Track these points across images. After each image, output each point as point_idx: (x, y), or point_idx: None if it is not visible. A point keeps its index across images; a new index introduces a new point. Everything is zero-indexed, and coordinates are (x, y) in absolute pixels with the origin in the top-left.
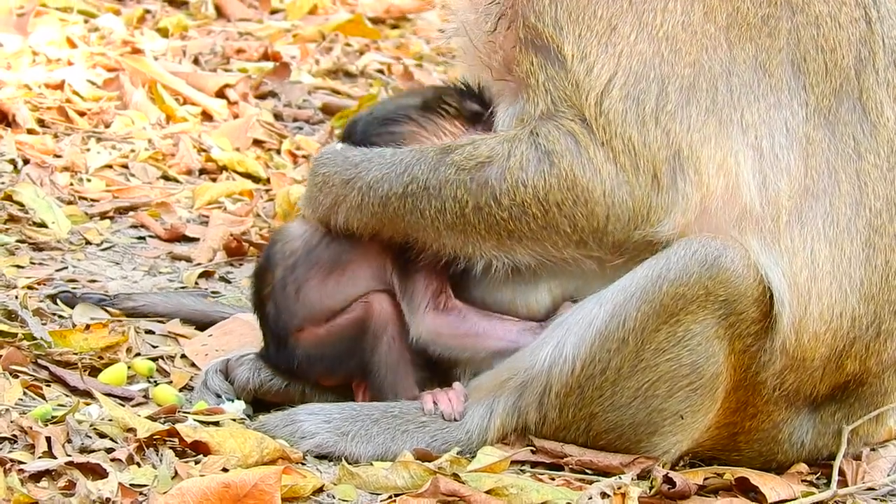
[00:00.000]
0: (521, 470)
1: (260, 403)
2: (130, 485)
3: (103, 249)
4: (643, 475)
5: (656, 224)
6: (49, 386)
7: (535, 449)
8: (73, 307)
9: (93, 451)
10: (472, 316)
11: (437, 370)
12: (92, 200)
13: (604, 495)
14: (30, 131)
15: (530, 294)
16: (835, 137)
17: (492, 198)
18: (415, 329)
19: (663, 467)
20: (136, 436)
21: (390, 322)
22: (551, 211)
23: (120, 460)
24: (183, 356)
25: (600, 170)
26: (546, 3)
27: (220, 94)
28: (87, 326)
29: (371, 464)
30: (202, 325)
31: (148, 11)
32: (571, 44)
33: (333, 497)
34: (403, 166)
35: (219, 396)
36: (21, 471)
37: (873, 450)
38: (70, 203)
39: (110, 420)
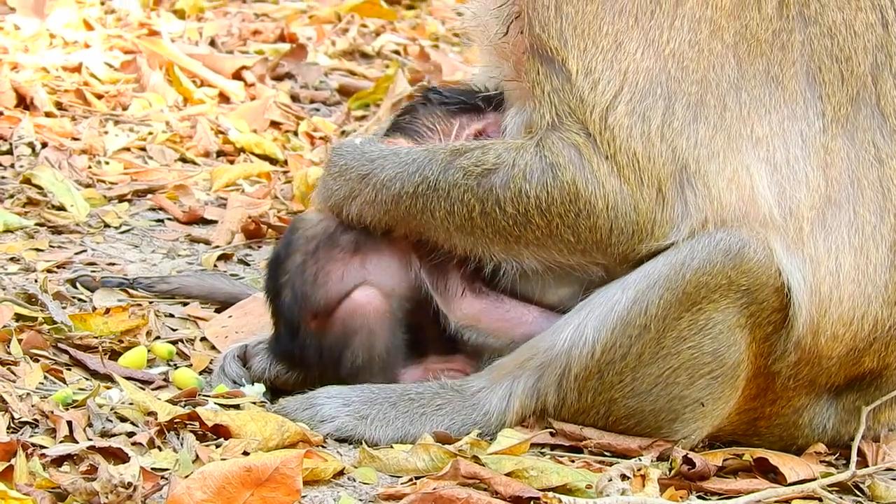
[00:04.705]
0: (541, 452)
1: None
2: (152, 469)
3: (122, 232)
4: (662, 457)
5: (661, 238)
6: (69, 370)
7: (554, 431)
8: (92, 291)
9: (114, 435)
10: (509, 301)
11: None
12: (110, 183)
13: (623, 477)
14: (48, 114)
15: (562, 285)
16: (854, 145)
17: (496, 205)
18: (453, 316)
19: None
20: (156, 419)
21: (382, 315)
22: (554, 221)
23: (141, 444)
24: (203, 339)
25: (604, 183)
26: (552, 16)
27: (237, 75)
28: (108, 310)
29: (391, 446)
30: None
31: None
32: (576, 58)
33: (354, 480)
34: (415, 166)
35: (236, 383)
36: (43, 455)
37: (891, 430)
38: (88, 186)
39: (131, 404)
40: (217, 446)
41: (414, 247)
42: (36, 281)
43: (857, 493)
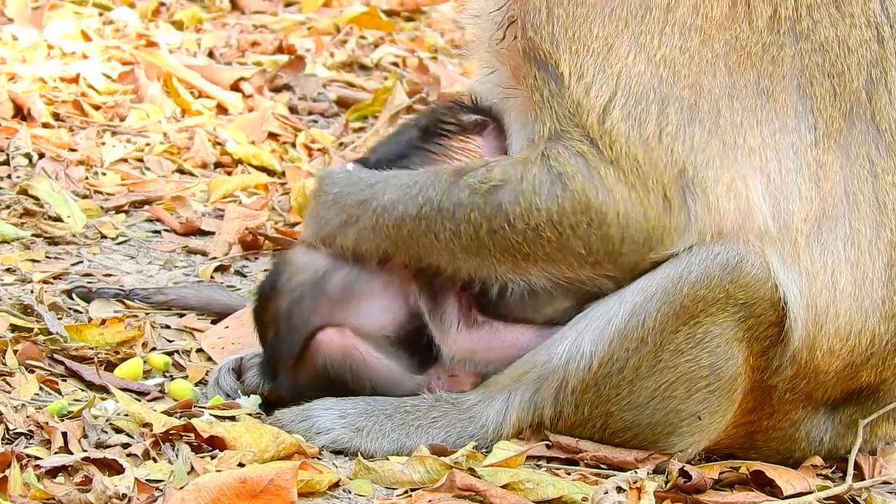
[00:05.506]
0: (537, 465)
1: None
2: (147, 480)
3: (119, 243)
4: (659, 470)
5: (670, 246)
6: (65, 381)
7: (550, 444)
8: (88, 302)
9: (109, 446)
10: (502, 329)
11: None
12: (107, 194)
13: (619, 490)
14: (45, 125)
15: (556, 301)
16: (849, 159)
17: (505, 221)
18: (447, 349)
19: (678, 462)
20: (151, 431)
21: (355, 346)
22: (566, 233)
23: (136, 455)
24: (199, 350)
25: (612, 191)
26: (543, 18)
27: (235, 87)
28: (103, 321)
29: (387, 458)
30: None
31: (162, 4)
32: (568, 62)
33: (350, 492)
34: (418, 188)
35: (229, 396)
36: (37, 467)
37: (888, 443)
38: (85, 197)
39: (126, 415)
40: (212, 458)
41: (416, 281)
42: (32, 292)
43: None
